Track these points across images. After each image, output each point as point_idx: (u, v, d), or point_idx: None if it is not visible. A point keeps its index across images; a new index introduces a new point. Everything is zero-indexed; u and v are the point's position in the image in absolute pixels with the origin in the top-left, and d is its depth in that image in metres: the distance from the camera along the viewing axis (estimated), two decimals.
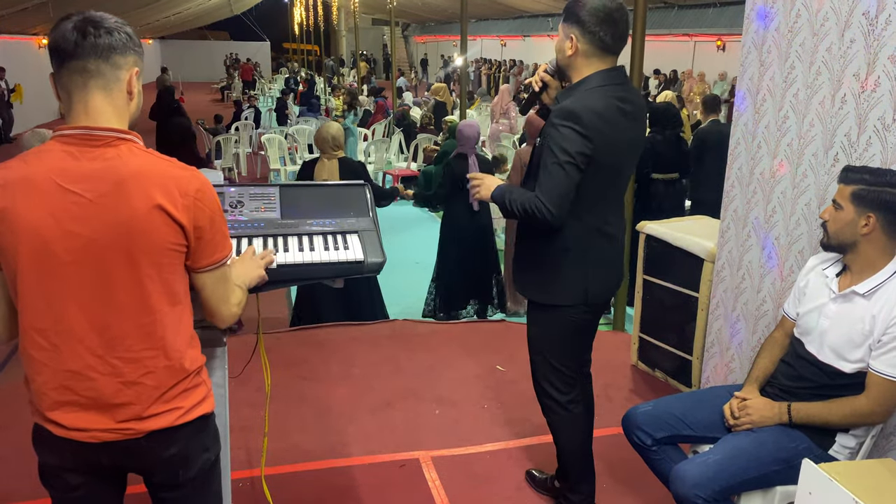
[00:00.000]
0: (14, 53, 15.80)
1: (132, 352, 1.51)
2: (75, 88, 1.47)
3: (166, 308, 1.53)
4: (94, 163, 1.45)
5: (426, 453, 3.19)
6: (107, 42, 1.46)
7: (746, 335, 3.02)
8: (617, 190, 2.36)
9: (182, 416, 1.59)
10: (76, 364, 1.49)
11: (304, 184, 2.66)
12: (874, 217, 2.05)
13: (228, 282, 1.67)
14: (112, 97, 1.49)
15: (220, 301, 1.65)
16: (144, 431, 1.56)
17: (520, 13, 26.72)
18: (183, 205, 1.48)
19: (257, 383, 3.60)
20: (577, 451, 2.61)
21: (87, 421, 1.52)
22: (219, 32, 37.60)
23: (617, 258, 2.46)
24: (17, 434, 3.22)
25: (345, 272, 2.13)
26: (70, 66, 1.45)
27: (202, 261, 1.57)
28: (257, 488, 2.85)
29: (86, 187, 1.44)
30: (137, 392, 1.53)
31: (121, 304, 1.48)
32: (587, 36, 2.19)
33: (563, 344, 2.47)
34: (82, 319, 1.48)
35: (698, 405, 2.39)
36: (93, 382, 1.50)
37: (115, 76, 1.49)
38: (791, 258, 2.74)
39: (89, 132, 1.46)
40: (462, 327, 4.84)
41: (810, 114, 2.60)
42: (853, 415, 2.09)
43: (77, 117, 1.48)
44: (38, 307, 1.47)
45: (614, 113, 2.20)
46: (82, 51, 1.44)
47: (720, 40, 18.25)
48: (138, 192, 1.45)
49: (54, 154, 1.46)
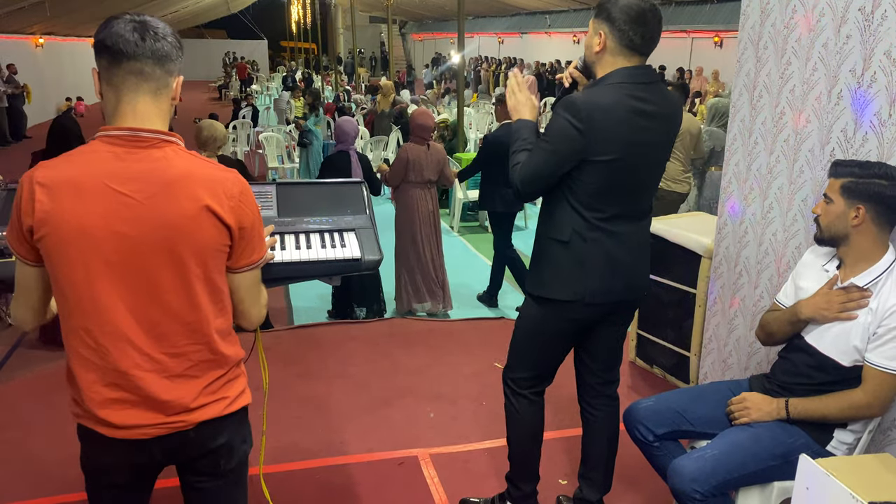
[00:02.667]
0: (11, 52, 15.75)
1: (178, 347, 1.54)
2: (127, 89, 1.48)
3: (210, 305, 1.56)
4: (141, 164, 1.47)
5: (424, 451, 3.20)
6: (164, 48, 1.49)
7: (744, 331, 3.02)
8: (629, 189, 2.25)
9: (228, 406, 1.64)
10: (124, 363, 1.50)
11: (302, 182, 2.65)
12: (864, 209, 2.06)
13: (259, 283, 1.70)
14: (159, 101, 1.52)
15: (253, 302, 1.69)
16: (194, 423, 1.59)
17: (517, 10, 26.72)
18: (229, 206, 1.51)
19: (255, 382, 3.59)
20: (522, 447, 2.58)
21: (138, 417, 1.54)
22: (216, 31, 37.56)
23: (626, 259, 2.30)
24: (16, 435, 3.23)
25: (342, 270, 2.14)
26: (127, 67, 1.46)
27: (242, 261, 1.60)
28: (256, 487, 2.84)
29: (135, 188, 1.45)
30: (184, 385, 1.56)
31: (168, 303, 1.50)
32: (616, 33, 2.15)
33: (542, 343, 2.42)
34: (130, 318, 1.49)
35: (699, 400, 2.39)
36: (141, 380, 1.52)
37: (165, 81, 1.52)
38: (788, 254, 2.74)
39: (136, 133, 1.48)
40: (459, 325, 4.85)
41: (807, 110, 2.60)
42: (850, 408, 2.09)
43: (124, 118, 1.48)
44: (85, 307, 1.48)
45: (625, 111, 2.13)
46: (142, 53, 1.46)
47: (717, 37, 18.23)
48: (186, 194, 1.47)
49: (101, 155, 1.47)
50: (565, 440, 3.24)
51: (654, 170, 2.32)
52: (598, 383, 2.54)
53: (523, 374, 2.49)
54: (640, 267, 2.38)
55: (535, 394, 2.51)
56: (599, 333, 2.45)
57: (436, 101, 16.90)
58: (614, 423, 2.60)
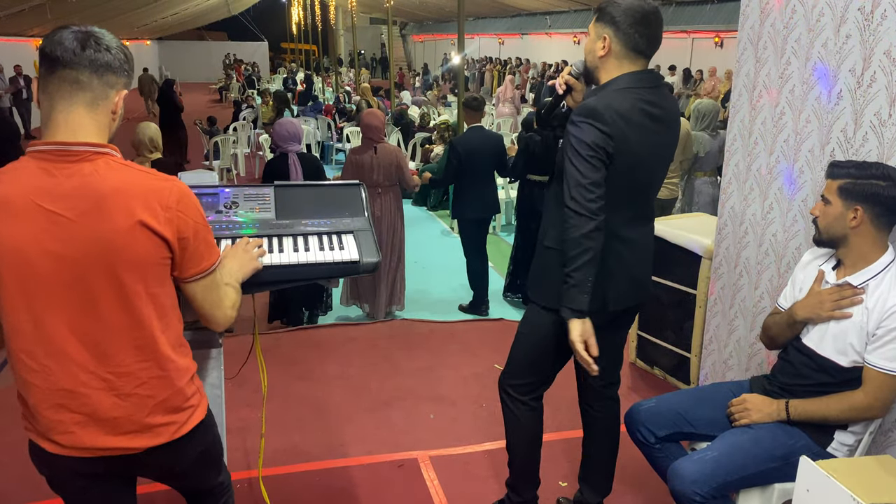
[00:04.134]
0: (11, 55, 15.76)
1: (124, 365, 1.50)
2: (61, 98, 1.44)
3: (155, 321, 1.52)
4: (71, 179, 1.42)
5: (424, 453, 3.19)
6: (105, 59, 1.45)
7: (744, 332, 3.01)
8: (639, 194, 2.25)
9: (178, 430, 1.60)
10: (69, 382, 1.48)
11: (299, 184, 2.64)
12: (861, 210, 2.05)
13: (219, 287, 1.66)
14: (96, 113, 1.47)
15: (213, 307, 1.64)
16: (143, 448, 1.56)
17: (517, 11, 26.71)
18: (165, 217, 1.46)
19: (254, 384, 3.60)
20: (522, 454, 2.56)
21: (85, 438, 1.52)
22: (216, 33, 37.56)
23: (636, 265, 2.30)
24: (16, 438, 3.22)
25: (340, 272, 2.13)
26: (62, 75, 1.43)
27: (189, 271, 1.56)
28: (255, 489, 2.84)
29: (66, 206, 1.41)
30: (133, 404, 1.53)
31: (109, 321, 1.47)
32: (621, 37, 2.12)
33: (548, 350, 2.39)
34: (72, 338, 1.46)
35: (700, 402, 2.38)
36: (87, 398, 1.49)
37: (104, 94, 1.47)
38: (788, 254, 2.73)
39: (65, 147, 1.43)
40: (460, 326, 4.84)
41: (806, 110, 2.59)
42: (851, 409, 2.08)
43: (55, 130, 1.44)
44: (25, 329, 1.45)
45: (639, 115, 2.12)
46: (79, 61, 1.42)
47: (718, 37, 18.22)
48: (119, 209, 1.42)
49: (30, 171, 1.43)
50: (565, 442, 3.23)
51: (662, 173, 2.33)
52: (600, 386, 2.53)
53: (525, 381, 2.47)
54: (648, 270, 2.38)
55: (534, 399, 2.50)
56: (603, 337, 2.43)
57: (436, 102, 16.90)
58: (615, 425, 2.59)
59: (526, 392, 2.48)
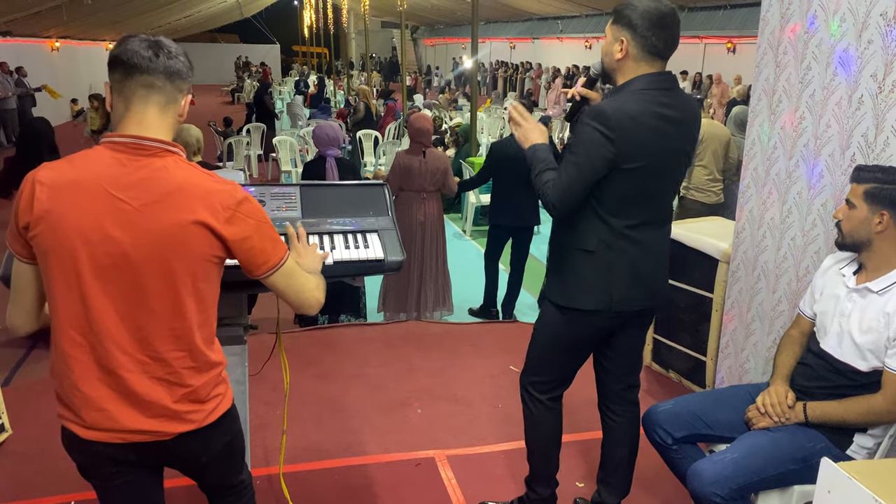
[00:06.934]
0: (28, 56, 15.91)
1: (160, 352, 1.57)
2: (137, 100, 1.55)
3: (195, 314, 1.59)
4: (140, 172, 1.52)
5: (441, 452, 3.21)
6: (176, 66, 1.57)
7: (762, 335, 3.02)
8: (653, 195, 2.25)
9: (207, 418, 1.66)
10: (109, 362, 1.55)
11: (325, 183, 2.69)
12: (888, 214, 2.06)
13: (299, 274, 1.75)
14: (165, 115, 1.58)
15: (298, 293, 1.75)
16: (172, 434, 1.62)
17: (529, 16, 26.73)
18: (225, 217, 1.56)
19: (273, 382, 3.63)
20: (540, 451, 2.58)
21: (118, 416, 1.57)
22: (229, 35, 37.77)
23: (650, 267, 2.30)
24: (38, 432, 3.27)
25: (366, 270, 2.16)
26: (139, 80, 1.53)
27: (261, 268, 1.66)
28: (275, 485, 2.87)
29: (132, 195, 1.50)
30: (163, 389, 1.59)
31: (154, 308, 1.54)
32: (639, 39, 2.14)
33: (562, 350, 2.42)
34: (116, 317, 1.53)
35: (718, 404, 2.39)
36: (123, 379, 1.56)
37: (174, 97, 1.59)
38: (807, 259, 2.74)
39: (139, 141, 1.53)
40: (474, 328, 4.86)
41: (827, 114, 2.60)
42: (869, 413, 2.09)
43: (129, 126, 1.54)
44: (74, 306, 1.52)
45: (651, 117, 2.13)
46: (155, 68, 1.53)
47: (730, 42, 18.18)
48: (181, 206, 1.52)
49: (103, 159, 1.52)
50: (582, 443, 3.25)
51: (677, 176, 2.33)
52: (620, 388, 2.55)
53: (541, 379, 2.50)
54: (661, 273, 2.38)
55: (552, 399, 2.52)
56: (620, 339, 2.46)
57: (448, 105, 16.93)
58: (635, 428, 2.60)
59: (544, 391, 2.50)
